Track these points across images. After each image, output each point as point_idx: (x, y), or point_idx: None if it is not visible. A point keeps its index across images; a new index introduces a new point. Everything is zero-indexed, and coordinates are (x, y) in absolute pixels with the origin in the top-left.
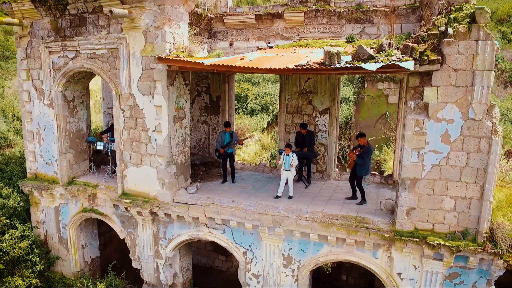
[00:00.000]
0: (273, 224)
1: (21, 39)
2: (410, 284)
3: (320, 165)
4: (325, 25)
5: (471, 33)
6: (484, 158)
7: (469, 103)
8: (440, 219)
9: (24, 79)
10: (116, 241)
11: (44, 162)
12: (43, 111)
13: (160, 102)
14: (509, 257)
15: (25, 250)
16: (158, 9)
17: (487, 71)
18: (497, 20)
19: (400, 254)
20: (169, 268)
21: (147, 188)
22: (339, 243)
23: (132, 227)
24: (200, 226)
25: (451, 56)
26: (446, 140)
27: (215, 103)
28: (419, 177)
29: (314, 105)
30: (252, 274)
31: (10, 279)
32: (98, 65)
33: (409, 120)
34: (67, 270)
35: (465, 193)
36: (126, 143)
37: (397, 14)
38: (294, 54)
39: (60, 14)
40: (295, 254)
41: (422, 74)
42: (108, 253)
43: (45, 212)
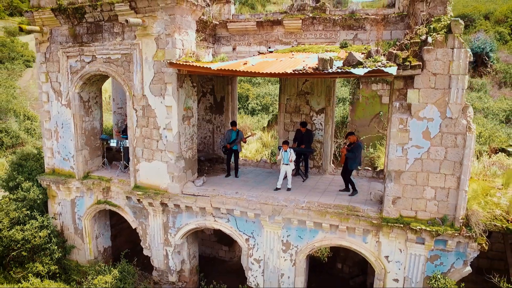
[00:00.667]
0: (273, 213)
1: (41, 44)
2: (397, 266)
3: (316, 161)
4: (321, 31)
5: (448, 41)
6: (460, 152)
7: (447, 104)
8: (422, 207)
9: (43, 81)
10: (125, 232)
11: (61, 158)
12: (61, 110)
13: (170, 103)
14: (482, 240)
15: (44, 239)
16: (169, 18)
17: (461, 75)
18: (494, 21)
19: (387, 239)
20: (178, 255)
21: (158, 181)
22: (332, 229)
23: (144, 217)
24: (207, 215)
25: (430, 62)
26: (426, 136)
27: (219, 103)
28: (403, 169)
29: (311, 105)
30: (254, 259)
31: (31, 265)
32: (113, 69)
33: (394, 119)
34: (82, 259)
35: (444, 183)
36: (139, 140)
37: (387, 21)
38: (292, 59)
39: (77, 22)
40: (293, 240)
41: (405, 77)
42: (118, 244)
43: (61, 205)
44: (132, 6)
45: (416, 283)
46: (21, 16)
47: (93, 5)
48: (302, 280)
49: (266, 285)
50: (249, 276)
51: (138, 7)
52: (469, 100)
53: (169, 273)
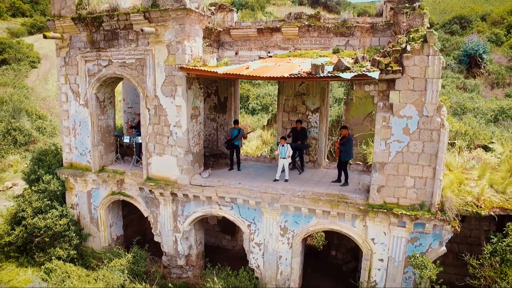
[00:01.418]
0: (272, 201)
1: (61, 49)
2: (381, 247)
3: (312, 156)
4: (316, 37)
5: (424, 50)
6: (435, 146)
7: (423, 103)
8: (403, 194)
9: (62, 83)
10: (135, 223)
11: (78, 153)
12: (79, 110)
13: (180, 103)
14: (455, 223)
15: (64, 226)
16: (179, 27)
17: (435, 79)
18: (491, 22)
19: (373, 223)
20: (186, 240)
21: (168, 173)
22: (324, 215)
23: (155, 207)
24: (212, 204)
25: (409, 67)
26: (406, 132)
27: (223, 103)
28: (387, 161)
29: (307, 105)
30: (255, 243)
31: (53, 250)
32: (128, 72)
33: (378, 117)
34: (97, 246)
35: (421, 173)
36: (151, 136)
37: (375, 29)
38: (289, 64)
39: (95, 29)
40: (290, 225)
41: (388, 81)
42: (128, 234)
43: (78, 196)
44: (146, 16)
45: (399, 262)
46: (24, 17)
47: (110, 14)
48: (298, 261)
49: (266, 267)
50: (251, 259)
51: (151, 17)
52: (461, 100)
53: (178, 257)
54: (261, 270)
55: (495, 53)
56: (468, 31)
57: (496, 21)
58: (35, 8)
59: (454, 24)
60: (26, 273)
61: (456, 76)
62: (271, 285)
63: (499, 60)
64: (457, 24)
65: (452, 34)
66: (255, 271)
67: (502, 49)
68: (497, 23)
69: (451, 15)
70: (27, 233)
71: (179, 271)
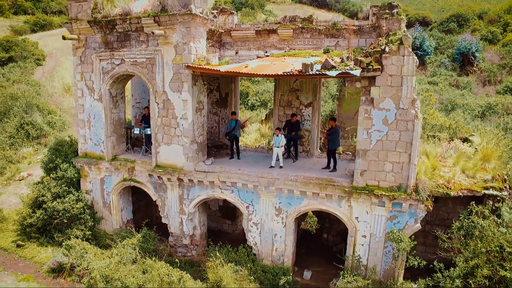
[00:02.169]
0: (268, 184)
1: (77, 49)
2: (364, 225)
3: (305, 146)
4: (308, 39)
5: (400, 51)
6: (410, 135)
7: (400, 98)
8: (383, 177)
9: (78, 80)
10: (142, 210)
11: (93, 143)
12: (93, 104)
13: (186, 97)
14: (428, 203)
15: (80, 209)
16: (185, 30)
17: (410, 76)
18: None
19: (357, 203)
20: (190, 222)
21: (175, 161)
22: (314, 197)
23: (163, 191)
24: (215, 188)
25: (387, 66)
26: (385, 122)
27: (224, 98)
28: (368, 148)
29: (300, 100)
30: (253, 223)
31: (70, 231)
32: (139, 70)
33: (361, 110)
34: (109, 228)
35: (399, 159)
36: (160, 128)
37: (362, 31)
38: (283, 63)
39: (109, 31)
40: (284, 206)
41: (369, 78)
42: (137, 219)
43: (92, 183)
44: (156, 20)
45: (379, 237)
46: (26, 15)
47: (123, 18)
48: (291, 239)
49: (262, 244)
50: (249, 237)
51: (160, 21)
52: (452, 97)
53: (183, 237)
54: (258, 247)
55: (488, 51)
56: (465, 29)
57: (493, 19)
58: (37, 5)
59: (451, 22)
60: (46, 251)
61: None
62: (267, 261)
63: (492, 58)
64: (455, 22)
65: (450, 32)
66: (253, 248)
67: (496, 48)
68: (494, 21)
69: (449, 13)
70: (47, 215)
71: (184, 250)
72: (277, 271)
